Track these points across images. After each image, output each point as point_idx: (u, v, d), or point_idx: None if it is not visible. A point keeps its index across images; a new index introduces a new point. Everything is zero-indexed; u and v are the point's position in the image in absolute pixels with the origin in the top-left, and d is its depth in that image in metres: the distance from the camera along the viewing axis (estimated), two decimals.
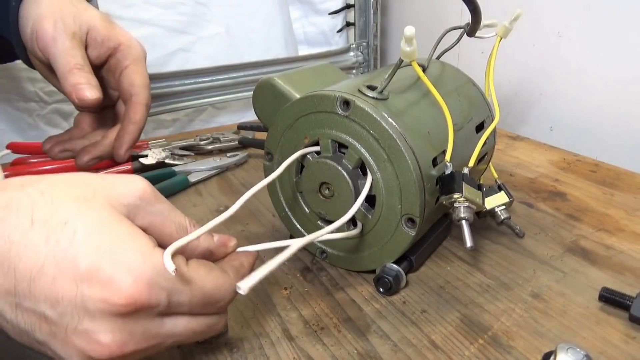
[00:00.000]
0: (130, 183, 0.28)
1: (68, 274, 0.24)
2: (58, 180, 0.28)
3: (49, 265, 0.25)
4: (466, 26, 0.46)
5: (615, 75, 0.70)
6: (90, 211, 0.26)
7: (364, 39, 1.10)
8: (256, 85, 0.48)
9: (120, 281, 0.25)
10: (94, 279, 0.24)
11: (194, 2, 0.91)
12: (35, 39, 0.42)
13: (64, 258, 0.25)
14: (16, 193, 0.26)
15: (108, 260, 0.25)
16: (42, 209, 0.25)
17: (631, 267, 0.43)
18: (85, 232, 0.25)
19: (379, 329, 0.37)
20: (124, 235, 0.26)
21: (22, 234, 0.25)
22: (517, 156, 0.70)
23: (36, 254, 0.25)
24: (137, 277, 0.25)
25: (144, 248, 0.26)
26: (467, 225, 0.36)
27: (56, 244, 0.25)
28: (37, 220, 0.25)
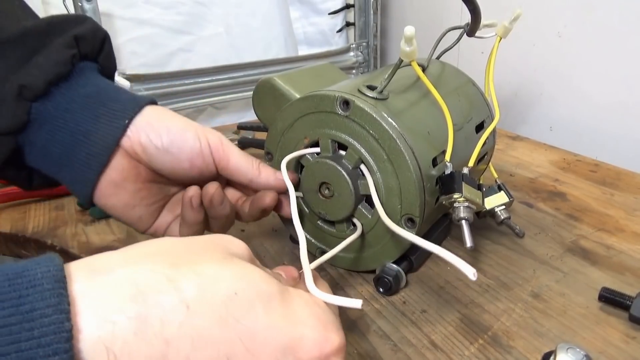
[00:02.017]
0: (236, 242, 0.26)
1: (266, 355, 0.21)
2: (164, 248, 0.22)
3: (236, 355, 0.20)
4: (466, 26, 0.46)
5: (615, 75, 0.70)
6: (247, 274, 0.22)
7: (364, 39, 1.10)
8: (256, 85, 0.48)
9: (329, 340, 0.23)
10: (302, 350, 0.22)
11: (194, 2, 0.91)
12: (211, 149, 0.38)
13: (253, 338, 0.20)
14: (135, 274, 0.19)
15: (302, 324, 0.22)
16: (188, 284, 0.20)
17: (631, 267, 0.43)
18: (262, 301, 0.21)
19: (379, 329, 0.37)
20: (286, 292, 0.23)
21: (180, 327, 0.18)
22: (517, 156, 0.70)
23: (213, 345, 0.19)
24: (335, 329, 0.24)
25: (309, 299, 0.24)
26: (467, 225, 0.36)
27: (237, 323, 0.20)
28: (192, 301, 0.19)
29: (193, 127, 0.38)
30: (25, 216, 0.56)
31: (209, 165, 0.38)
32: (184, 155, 0.37)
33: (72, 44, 0.36)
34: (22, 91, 0.33)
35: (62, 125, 0.35)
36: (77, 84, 0.36)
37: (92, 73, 0.38)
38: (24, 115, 0.34)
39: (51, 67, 0.34)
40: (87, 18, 0.39)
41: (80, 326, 0.17)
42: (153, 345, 0.18)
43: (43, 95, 0.34)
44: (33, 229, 0.53)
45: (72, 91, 0.35)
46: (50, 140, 0.35)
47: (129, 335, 0.17)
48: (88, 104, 0.35)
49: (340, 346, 0.23)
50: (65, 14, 0.40)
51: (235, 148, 0.39)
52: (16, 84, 0.33)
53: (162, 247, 0.22)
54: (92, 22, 0.39)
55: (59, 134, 0.35)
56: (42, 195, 0.60)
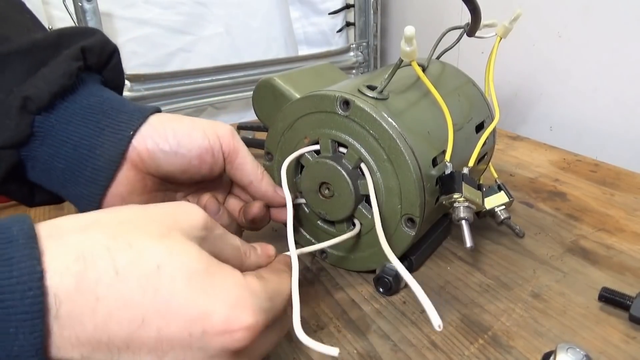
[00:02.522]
0: (191, 212, 0.27)
1: (177, 323, 0.23)
2: (118, 218, 0.25)
3: (150, 318, 0.22)
4: (466, 26, 0.46)
5: (615, 75, 0.70)
6: (177, 250, 0.24)
7: (364, 39, 1.10)
8: (256, 85, 0.48)
9: (238, 319, 0.24)
10: (209, 323, 0.23)
11: (194, 2, 0.91)
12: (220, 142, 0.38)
13: (168, 307, 0.23)
14: (82, 240, 0.23)
15: (218, 301, 0.24)
16: (121, 255, 0.23)
17: (631, 267, 0.43)
18: (183, 274, 0.23)
19: (379, 329, 0.37)
20: (216, 270, 0.25)
21: (108, 288, 0.22)
22: (517, 156, 0.70)
23: (132, 308, 0.22)
24: (251, 310, 0.24)
25: (238, 278, 0.25)
26: (467, 225, 0.36)
27: (155, 293, 0.23)
28: (121, 268, 0.22)
29: (200, 125, 0.38)
30: None
31: (218, 161, 0.38)
32: (194, 154, 0.37)
33: (79, 56, 0.35)
34: (26, 103, 0.33)
35: (65, 139, 0.34)
36: (81, 96, 0.35)
37: (94, 85, 0.37)
38: (27, 128, 0.33)
39: (56, 79, 0.34)
40: (96, 31, 0.39)
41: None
42: (87, 298, 0.22)
43: (47, 107, 0.34)
44: None
45: (75, 104, 0.35)
46: (54, 154, 0.34)
47: (70, 287, 0.21)
48: (91, 116, 0.35)
49: (249, 325, 0.24)
50: (75, 27, 0.39)
51: (244, 146, 0.40)
52: (20, 96, 0.32)
53: (116, 217, 0.25)
54: (101, 34, 0.38)
55: (63, 148, 0.34)
56: None
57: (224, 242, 0.29)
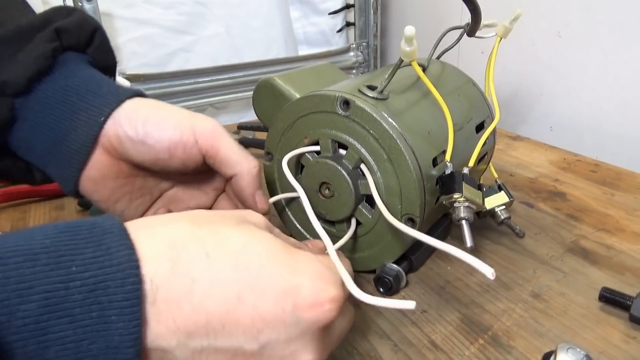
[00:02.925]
0: (256, 215, 0.29)
1: (269, 297, 0.23)
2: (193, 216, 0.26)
3: (245, 294, 0.23)
4: (466, 26, 0.46)
5: (615, 75, 0.70)
6: (257, 234, 0.26)
7: (364, 39, 1.10)
8: (256, 85, 0.48)
9: (325, 291, 0.25)
10: (300, 296, 0.24)
11: (194, 2, 0.91)
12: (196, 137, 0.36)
13: (259, 282, 0.24)
14: (170, 230, 0.24)
15: (303, 275, 0.25)
16: (209, 239, 0.24)
17: (631, 267, 0.43)
18: (268, 253, 0.25)
19: (379, 328, 0.37)
20: (294, 250, 0.26)
21: (202, 270, 0.23)
22: (517, 156, 0.70)
23: (226, 286, 0.23)
24: (333, 283, 0.25)
25: (313, 257, 0.27)
26: (467, 225, 0.36)
27: (246, 270, 0.24)
28: (211, 251, 0.24)
29: (175, 117, 0.36)
30: (26, 216, 0.56)
31: (192, 156, 0.36)
32: (162, 146, 0.35)
33: (54, 37, 0.35)
34: (4, 88, 0.33)
35: (41, 121, 0.35)
36: (60, 77, 0.35)
37: (77, 64, 0.37)
38: (8, 112, 0.34)
39: (31, 62, 0.34)
40: (75, 10, 0.38)
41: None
42: (182, 281, 0.22)
43: (24, 91, 0.34)
44: None
45: (52, 84, 0.35)
46: (32, 135, 0.35)
47: (166, 272, 0.22)
48: (66, 98, 0.35)
49: (335, 297, 0.25)
50: (56, 7, 0.38)
51: (230, 140, 0.37)
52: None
53: (193, 214, 0.27)
54: (80, 14, 0.38)
55: (40, 130, 0.35)
56: (42, 195, 0.60)
57: (285, 239, 0.30)
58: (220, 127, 0.37)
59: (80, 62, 0.37)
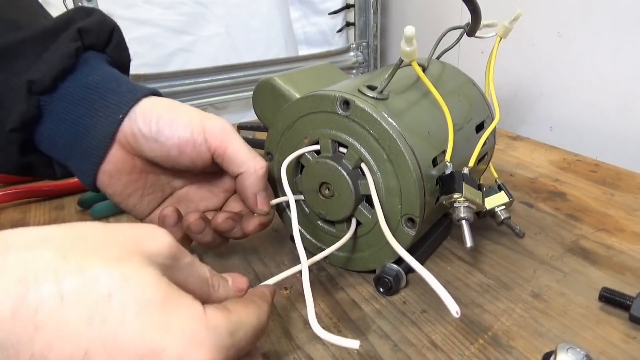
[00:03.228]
0: (156, 238, 0.25)
1: (122, 357, 0.21)
2: (73, 236, 0.23)
3: (95, 352, 0.20)
4: (466, 26, 0.46)
5: (615, 75, 0.70)
6: (133, 277, 0.22)
7: (364, 39, 1.10)
8: (256, 85, 0.48)
9: (192, 357, 0.22)
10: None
11: (194, 2, 0.91)
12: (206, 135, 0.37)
13: (115, 341, 0.20)
14: (28, 259, 0.21)
15: (171, 336, 0.21)
16: (69, 278, 0.20)
17: (631, 267, 0.43)
18: (136, 305, 0.21)
19: (379, 329, 0.37)
20: (174, 302, 0.23)
21: (50, 315, 0.20)
22: (517, 156, 0.70)
23: (75, 339, 0.20)
24: (207, 347, 0.22)
25: (197, 311, 0.23)
26: (467, 225, 0.36)
27: (103, 324, 0.20)
28: (67, 294, 0.20)
29: (187, 115, 0.37)
30: (26, 216, 0.56)
31: (201, 154, 0.37)
32: (172, 143, 0.37)
33: (77, 37, 0.37)
34: (31, 87, 0.35)
35: (64, 117, 0.36)
36: (81, 75, 0.37)
37: (97, 63, 0.38)
38: (34, 109, 0.35)
39: (56, 61, 0.35)
40: (94, 10, 0.40)
41: None
42: (25, 327, 0.19)
43: (49, 89, 0.36)
44: None
45: (75, 82, 0.37)
46: (55, 131, 0.37)
47: (7, 313, 0.19)
48: (88, 96, 0.36)
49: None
50: (76, 7, 0.40)
51: (239, 139, 0.38)
52: (25, 79, 0.34)
53: (73, 235, 0.23)
54: (99, 14, 0.40)
55: (63, 126, 0.37)
56: (42, 195, 0.60)
57: (190, 273, 0.26)
58: (230, 126, 0.38)
59: (100, 61, 0.39)
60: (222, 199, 0.44)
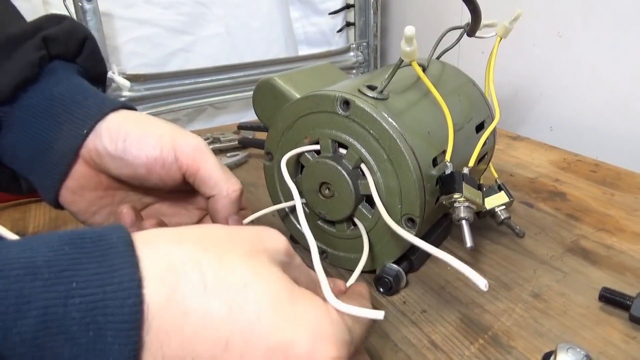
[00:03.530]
0: (275, 237, 0.26)
1: (259, 350, 0.21)
2: (206, 234, 0.24)
3: (234, 341, 0.21)
4: (466, 26, 0.46)
5: (615, 75, 0.70)
6: (263, 272, 0.23)
7: (364, 39, 1.10)
8: (256, 85, 0.48)
9: (323, 351, 0.22)
10: (292, 353, 0.22)
11: (194, 2, 0.91)
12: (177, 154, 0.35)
13: (251, 331, 0.21)
14: (174, 250, 0.22)
15: (301, 329, 0.22)
16: (211, 270, 0.22)
17: (631, 267, 0.43)
18: (269, 298, 0.22)
19: (379, 328, 0.37)
20: (301, 296, 0.24)
21: (198, 303, 0.21)
22: (517, 156, 0.70)
23: (218, 326, 0.21)
24: (333, 342, 0.23)
25: (321, 307, 0.24)
26: (467, 225, 0.36)
27: (241, 313, 0.21)
28: (210, 284, 0.21)
29: (157, 132, 0.35)
30: (26, 216, 0.56)
31: (171, 173, 0.36)
32: (140, 162, 0.35)
33: (41, 46, 0.35)
34: None
35: (26, 130, 0.35)
36: (46, 86, 0.35)
37: (65, 73, 0.36)
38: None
39: (17, 71, 0.34)
40: (65, 18, 0.38)
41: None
42: (175, 313, 0.21)
43: (9, 99, 0.34)
44: (33, 229, 0.53)
45: (38, 93, 0.35)
46: (16, 143, 0.35)
47: (161, 299, 0.20)
48: (52, 108, 0.35)
49: (330, 357, 0.22)
50: (47, 15, 0.38)
51: (212, 160, 0.36)
52: None
53: (204, 232, 0.25)
54: (70, 22, 0.38)
55: (24, 138, 0.35)
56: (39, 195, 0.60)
57: (301, 272, 0.28)
58: (204, 145, 0.36)
59: (68, 71, 0.37)
60: (196, 216, 0.42)
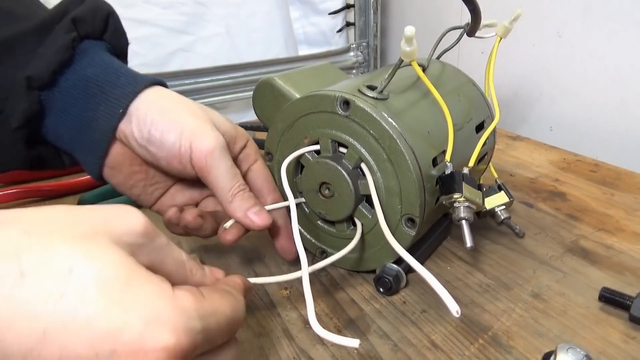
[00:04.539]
0: (128, 217, 0.24)
1: (82, 339, 0.20)
2: (41, 216, 0.22)
3: (53, 331, 0.19)
4: (466, 26, 0.46)
5: (615, 75, 0.70)
6: (97, 254, 0.21)
7: (364, 39, 1.10)
8: (256, 85, 0.48)
9: (156, 337, 0.20)
10: (120, 341, 0.20)
11: (194, 2, 0.91)
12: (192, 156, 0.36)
13: (74, 318, 0.19)
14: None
15: (133, 315, 0.20)
16: (32, 254, 0.20)
17: (631, 267, 0.43)
18: (98, 282, 0.20)
19: (379, 329, 0.37)
20: (141, 280, 0.22)
21: (10, 292, 0.19)
22: (517, 156, 0.70)
23: (33, 317, 0.19)
24: (171, 327, 0.21)
25: (164, 291, 0.22)
26: (467, 225, 0.36)
27: (61, 300, 0.19)
28: (27, 270, 0.20)
29: (178, 129, 0.36)
30: None
31: (186, 169, 0.37)
32: (162, 154, 0.37)
33: (71, 28, 0.36)
34: (30, 83, 0.35)
35: (67, 111, 0.37)
36: (80, 67, 0.37)
37: (96, 52, 0.38)
38: (36, 104, 0.36)
39: (52, 55, 0.35)
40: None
41: None
42: None
43: (49, 84, 0.36)
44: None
45: (74, 75, 0.36)
46: (59, 124, 0.37)
47: None
48: (88, 89, 0.36)
49: (166, 346, 0.20)
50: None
51: (223, 167, 0.36)
52: (23, 76, 0.34)
53: (41, 215, 0.22)
54: (92, 1, 0.39)
55: (66, 119, 0.37)
56: (42, 195, 0.60)
57: (166, 254, 0.25)
58: (219, 150, 0.36)
59: (98, 50, 0.39)
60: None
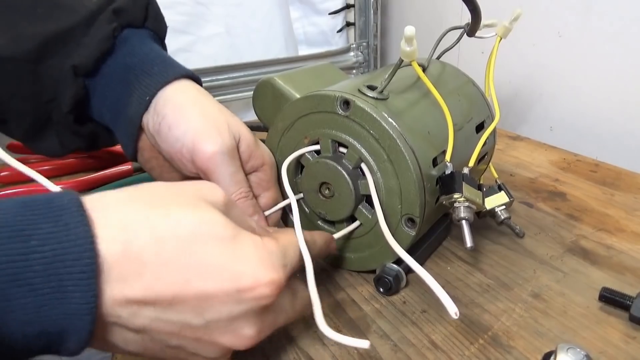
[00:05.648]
0: (214, 189, 0.29)
1: (214, 285, 0.25)
2: (150, 191, 0.27)
3: (192, 279, 0.25)
4: (466, 26, 0.46)
5: (615, 75, 0.70)
6: (207, 219, 0.27)
7: (364, 39, 1.10)
8: (256, 85, 0.48)
9: (263, 275, 0.27)
10: (241, 282, 0.26)
11: (194, 2, 0.91)
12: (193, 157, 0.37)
13: (205, 269, 0.25)
14: (124, 211, 0.25)
15: (247, 263, 0.27)
16: (160, 225, 0.25)
17: (631, 267, 0.43)
18: (214, 242, 0.26)
19: (379, 329, 0.37)
20: (242, 236, 0.28)
21: (153, 254, 0.24)
22: (517, 156, 0.70)
23: (175, 271, 0.25)
24: (272, 267, 0.27)
25: (259, 241, 0.28)
26: (467, 225, 0.36)
27: (192, 256, 0.25)
28: (160, 237, 0.25)
29: (183, 129, 0.37)
30: None
31: (187, 167, 0.38)
32: (165, 148, 0.38)
33: (112, 18, 0.39)
34: (76, 71, 0.38)
35: (107, 96, 0.40)
36: (120, 55, 0.40)
37: (138, 40, 0.40)
38: (82, 90, 0.40)
39: (95, 45, 0.38)
40: None
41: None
42: (134, 264, 0.24)
43: (93, 71, 0.39)
44: None
45: (115, 62, 0.40)
46: (102, 107, 0.41)
47: (117, 253, 0.23)
48: (126, 77, 0.39)
49: (271, 280, 0.27)
50: None
51: (227, 170, 0.37)
52: (69, 64, 0.38)
53: (149, 192, 0.27)
54: None
55: (106, 103, 0.41)
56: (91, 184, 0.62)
57: (241, 220, 0.30)
58: (220, 155, 0.36)
59: (140, 38, 0.41)
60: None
